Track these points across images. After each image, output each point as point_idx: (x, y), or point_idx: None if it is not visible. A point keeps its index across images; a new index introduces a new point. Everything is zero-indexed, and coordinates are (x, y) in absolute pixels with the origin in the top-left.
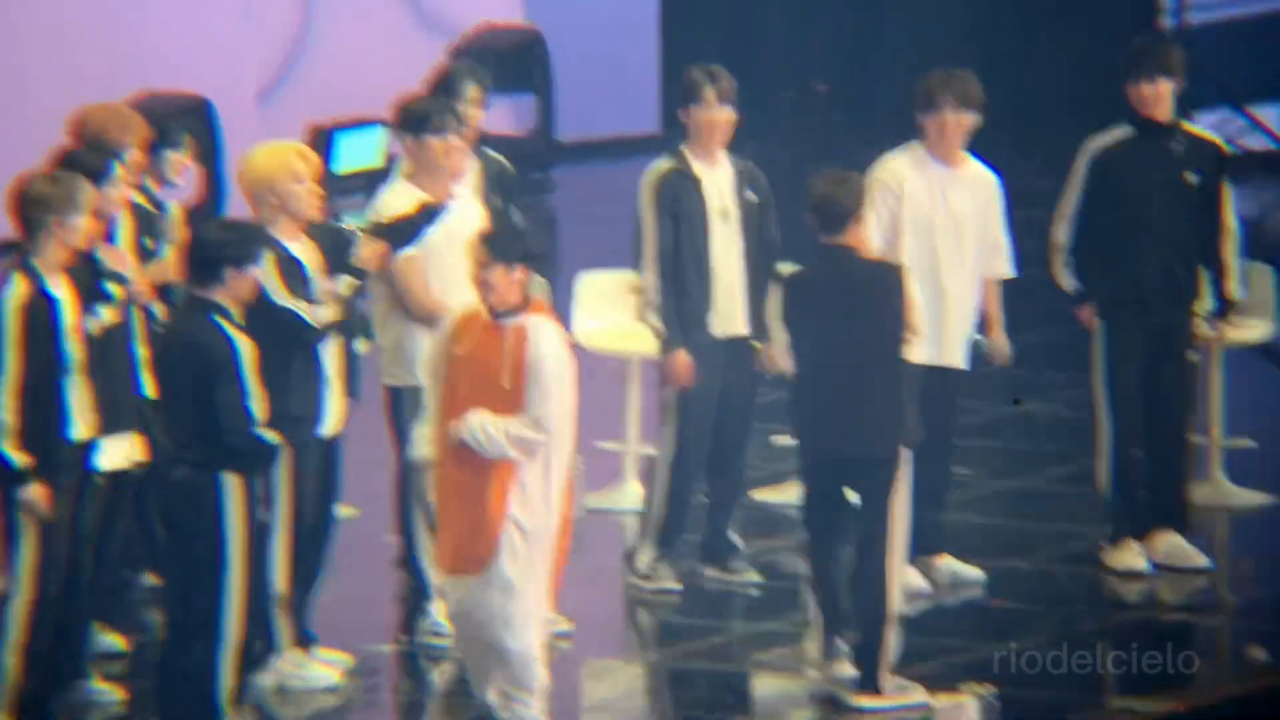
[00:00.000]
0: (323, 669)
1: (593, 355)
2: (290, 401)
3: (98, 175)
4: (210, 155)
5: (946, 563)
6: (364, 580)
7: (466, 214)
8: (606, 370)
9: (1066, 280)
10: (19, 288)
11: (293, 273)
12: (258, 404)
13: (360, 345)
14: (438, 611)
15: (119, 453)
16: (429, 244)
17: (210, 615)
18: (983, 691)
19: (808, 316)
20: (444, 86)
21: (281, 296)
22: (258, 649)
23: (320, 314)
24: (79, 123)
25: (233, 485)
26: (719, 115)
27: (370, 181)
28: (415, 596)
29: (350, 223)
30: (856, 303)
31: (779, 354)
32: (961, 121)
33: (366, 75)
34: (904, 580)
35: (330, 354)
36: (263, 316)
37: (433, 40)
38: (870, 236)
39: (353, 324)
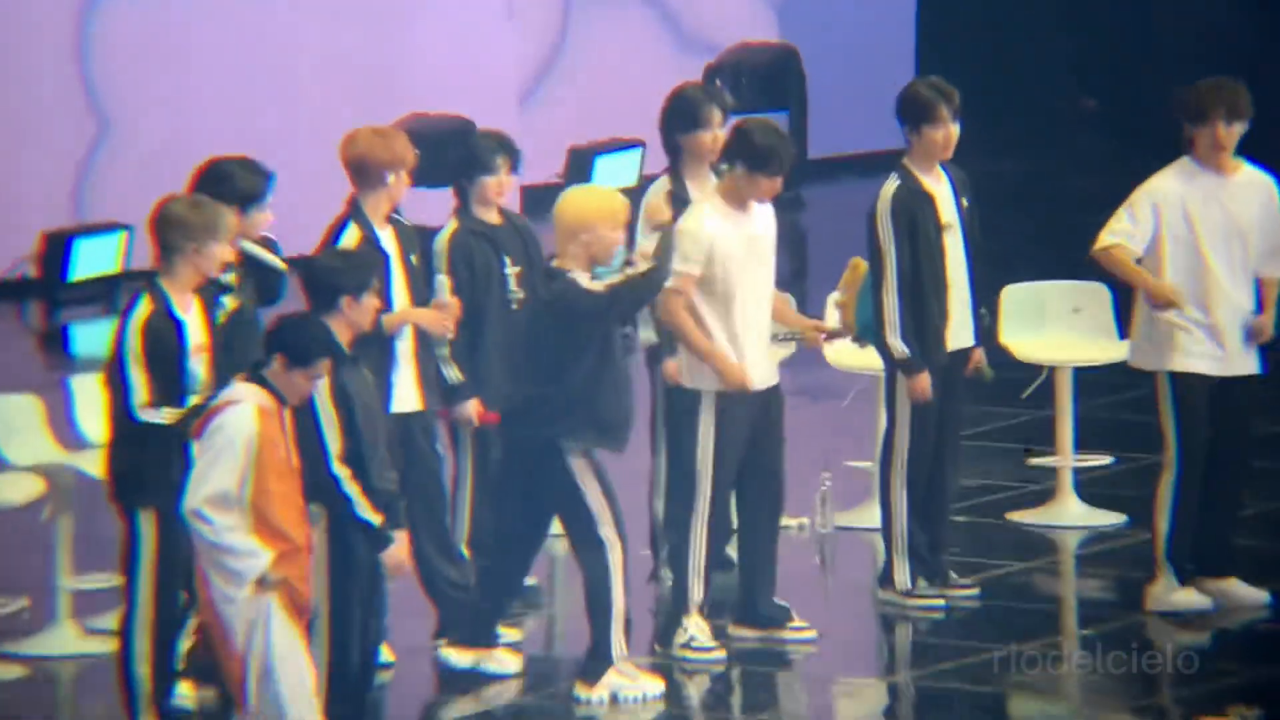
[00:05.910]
0: None
1: (843, 375)
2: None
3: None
4: None
5: (1232, 585)
6: None
7: (766, 222)
8: (856, 390)
9: None
10: (144, 308)
11: None
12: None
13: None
14: (693, 625)
15: None
16: (732, 253)
17: None
18: (1249, 714)
19: None
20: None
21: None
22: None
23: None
24: (349, 144)
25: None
26: (955, 132)
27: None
28: (673, 609)
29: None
30: None
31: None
32: (1232, 132)
33: (623, 94)
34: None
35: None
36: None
37: (691, 60)
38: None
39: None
